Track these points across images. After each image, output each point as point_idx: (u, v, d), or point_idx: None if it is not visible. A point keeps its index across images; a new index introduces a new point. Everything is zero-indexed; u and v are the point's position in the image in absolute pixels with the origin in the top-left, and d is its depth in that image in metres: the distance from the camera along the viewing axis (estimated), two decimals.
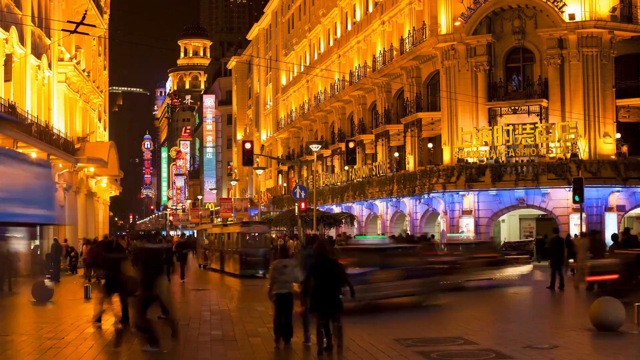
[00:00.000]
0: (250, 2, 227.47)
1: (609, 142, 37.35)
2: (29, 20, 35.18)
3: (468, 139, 37.93)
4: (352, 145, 34.88)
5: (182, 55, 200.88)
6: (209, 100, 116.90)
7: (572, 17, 37.27)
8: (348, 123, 55.33)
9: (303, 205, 38.91)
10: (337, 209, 52.06)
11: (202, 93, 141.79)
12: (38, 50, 37.20)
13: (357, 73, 51.87)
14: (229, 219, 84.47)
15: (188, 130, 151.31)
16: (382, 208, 47.30)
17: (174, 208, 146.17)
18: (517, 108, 38.21)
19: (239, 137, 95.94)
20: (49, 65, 39.54)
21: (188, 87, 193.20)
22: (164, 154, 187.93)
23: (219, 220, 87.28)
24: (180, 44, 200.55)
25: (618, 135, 37.80)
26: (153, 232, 38.88)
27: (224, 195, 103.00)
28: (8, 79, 32.11)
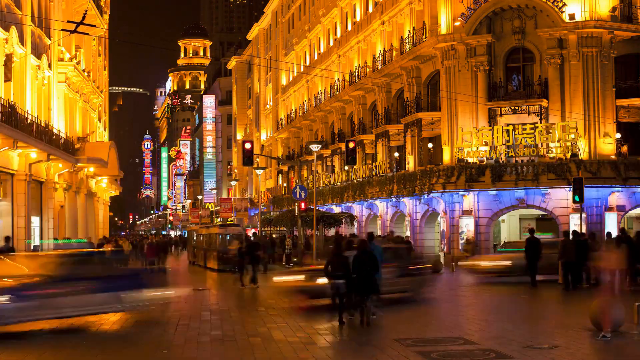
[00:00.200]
0: (250, 2, 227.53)
1: (609, 142, 37.34)
2: (29, 20, 35.15)
3: (468, 139, 37.92)
4: (352, 145, 34.88)
5: (182, 55, 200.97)
6: (209, 100, 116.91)
7: (572, 17, 37.25)
8: (348, 123, 55.33)
9: (303, 205, 38.92)
10: (337, 209, 52.05)
11: (202, 93, 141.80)
12: (38, 50, 37.19)
13: (357, 73, 51.87)
14: (229, 219, 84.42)
15: (188, 130, 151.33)
16: (382, 208, 47.30)
17: (174, 208, 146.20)
18: (517, 108, 38.19)
19: (239, 137, 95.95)
20: (49, 65, 39.52)
21: (188, 87, 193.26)
22: (164, 154, 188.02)
23: (219, 221, 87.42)
24: (180, 44, 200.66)
25: (618, 135, 37.78)
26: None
27: (224, 195, 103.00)
28: (8, 79, 32.06)
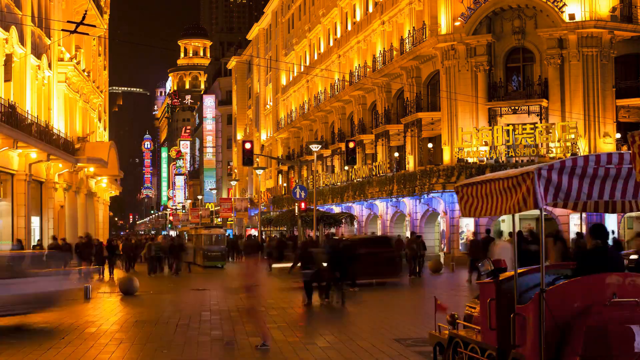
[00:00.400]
0: (250, 2, 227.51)
1: (609, 142, 37.35)
2: (29, 20, 35.15)
3: (468, 139, 37.92)
4: (352, 145, 34.90)
5: (182, 55, 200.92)
6: (209, 100, 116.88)
7: (572, 17, 37.26)
8: (348, 123, 55.33)
9: (303, 205, 38.93)
10: (337, 209, 52.04)
11: (202, 93, 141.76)
12: (38, 50, 37.19)
13: (357, 73, 51.86)
14: (229, 219, 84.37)
15: (188, 130, 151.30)
16: (382, 208, 47.29)
17: (174, 208, 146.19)
18: (517, 108, 38.20)
19: (239, 137, 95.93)
20: (49, 65, 39.52)
21: (188, 87, 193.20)
22: (164, 154, 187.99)
23: (219, 221, 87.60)
24: (180, 44, 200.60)
25: (618, 135, 37.79)
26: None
27: (224, 195, 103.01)
28: (8, 79, 32.07)
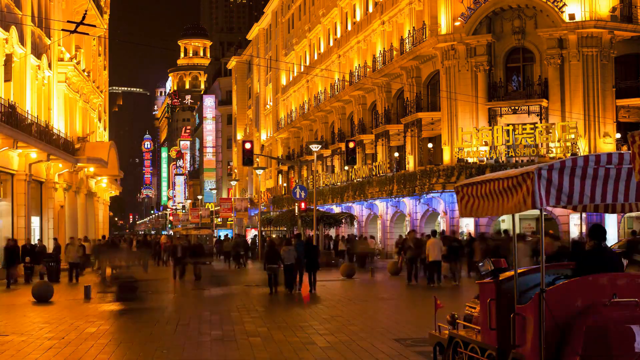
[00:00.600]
0: (250, 2, 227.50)
1: (609, 142, 37.34)
2: (29, 20, 35.16)
3: (468, 139, 37.91)
4: (352, 145, 34.91)
5: (182, 55, 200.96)
6: (209, 100, 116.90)
7: (572, 17, 37.25)
8: (348, 123, 55.32)
9: (303, 205, 38.97)
10: (337, 209, 52.05)
11: (202, 93, 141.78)
12: (38, 50, 37.20)
13: (357, 73, 51.86)
14: (229, 219, 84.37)
15: (188, 130, 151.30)
16: (382, 208, 47.28)
17: (174, 208, 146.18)
18: (517, 108, 38.19)
19: (239, 137, 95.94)
20: (49, 65, 39.52)
21: (188, 87, 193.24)
22: (164, 154, 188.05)
23: (219, 221, 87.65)
24: (180, 44, 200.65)
25: (618, 135, 37.78)
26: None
27: (224, 195, 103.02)
28: (8, 79, 32.08)
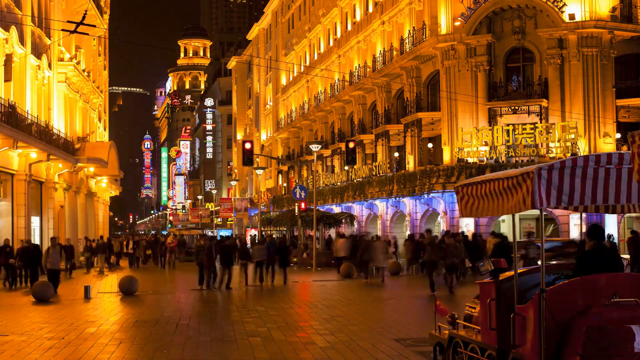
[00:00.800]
0: (250, 2, 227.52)
1: (609, 142, 37.34)
2: (29, 20, 35.17)
3: (468, 139, 37.90)
4: (352, 145, 34.95)
5: (182, 55, 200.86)
6: (209, 101, 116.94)
7: (572, 17, 37.24)
8: (348, 123, 55.31)
9: (303, 205, 38.99)
10: (337, 209, 52.03)
11: (202, 93, 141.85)
12: (38, 50, 37.20)
13: (357, 73, 51.85)
14: (229, 219, 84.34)
15: (188, 130, 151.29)
16: (382, 208, 47.27)
17: (174, 208, 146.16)
18: (517, 108, 38.18)
19: (239, 137, 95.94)
20: (49, 65, 39.53)
21: (188, 87, 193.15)
22: (164, 154, 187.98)
23: (219, 221, 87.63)
24: (180, 44, 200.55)
25: (618, 135, 37.77)
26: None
27: (224, 195, 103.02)
28: (8, 79, 32.10)
